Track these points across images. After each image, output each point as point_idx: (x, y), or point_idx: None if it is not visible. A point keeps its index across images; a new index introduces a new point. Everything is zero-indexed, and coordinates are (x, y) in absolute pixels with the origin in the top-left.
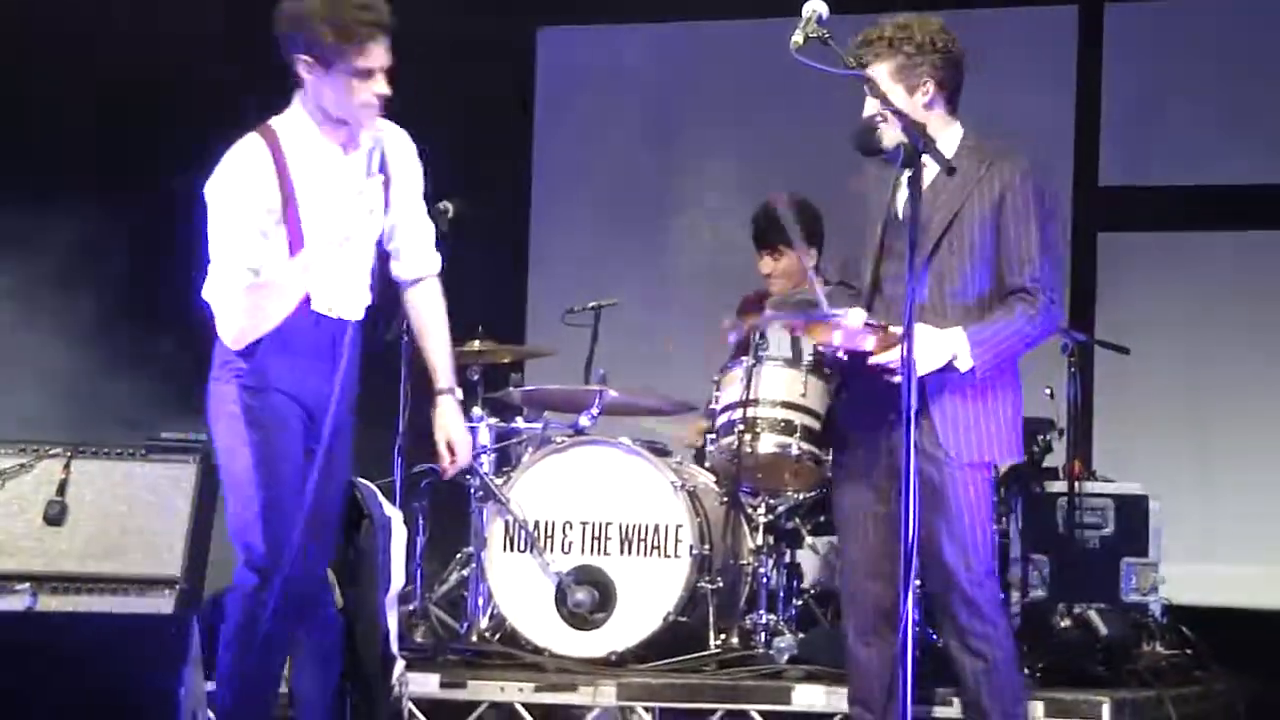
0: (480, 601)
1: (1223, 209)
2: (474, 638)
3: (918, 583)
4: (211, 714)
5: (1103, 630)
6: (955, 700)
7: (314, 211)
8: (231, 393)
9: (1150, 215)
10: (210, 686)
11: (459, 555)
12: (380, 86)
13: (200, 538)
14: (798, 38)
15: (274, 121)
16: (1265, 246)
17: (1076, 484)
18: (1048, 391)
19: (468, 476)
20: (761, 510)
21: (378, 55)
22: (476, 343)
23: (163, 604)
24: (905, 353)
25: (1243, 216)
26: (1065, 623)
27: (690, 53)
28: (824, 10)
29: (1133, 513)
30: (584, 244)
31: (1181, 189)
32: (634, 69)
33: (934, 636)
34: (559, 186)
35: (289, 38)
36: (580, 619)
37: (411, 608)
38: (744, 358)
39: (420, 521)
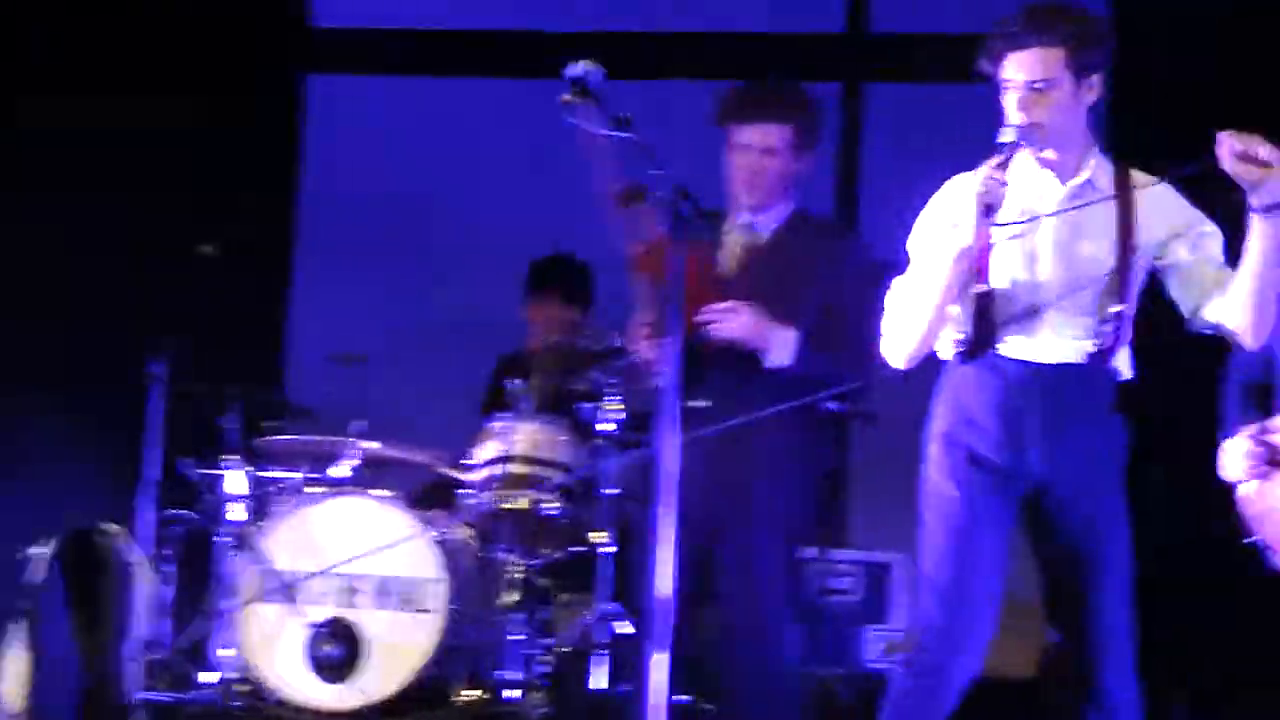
0: (227, 652)
1: None
2: (219, 689)
3: None
4: None
5: (842, 697)
6: None
7: None
8: None
9: None
10: None
11: (207, 604)
12: None
13: None
14: (567, 97)
15: None
16: None
17: (824, 550)
18: None
19: (217, 525)
20: (516, 567)
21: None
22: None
23: None
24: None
25: None
26: (808, 689)
27: (460, 107)
28: (593, 71)
29: (878, 580)
30: (348, 294)
31: None
32: (404, 121)
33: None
34: (324, 234)
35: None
36: (329, 671)
37: (155, 657)
38: (499, 413)
39: (169, 569)
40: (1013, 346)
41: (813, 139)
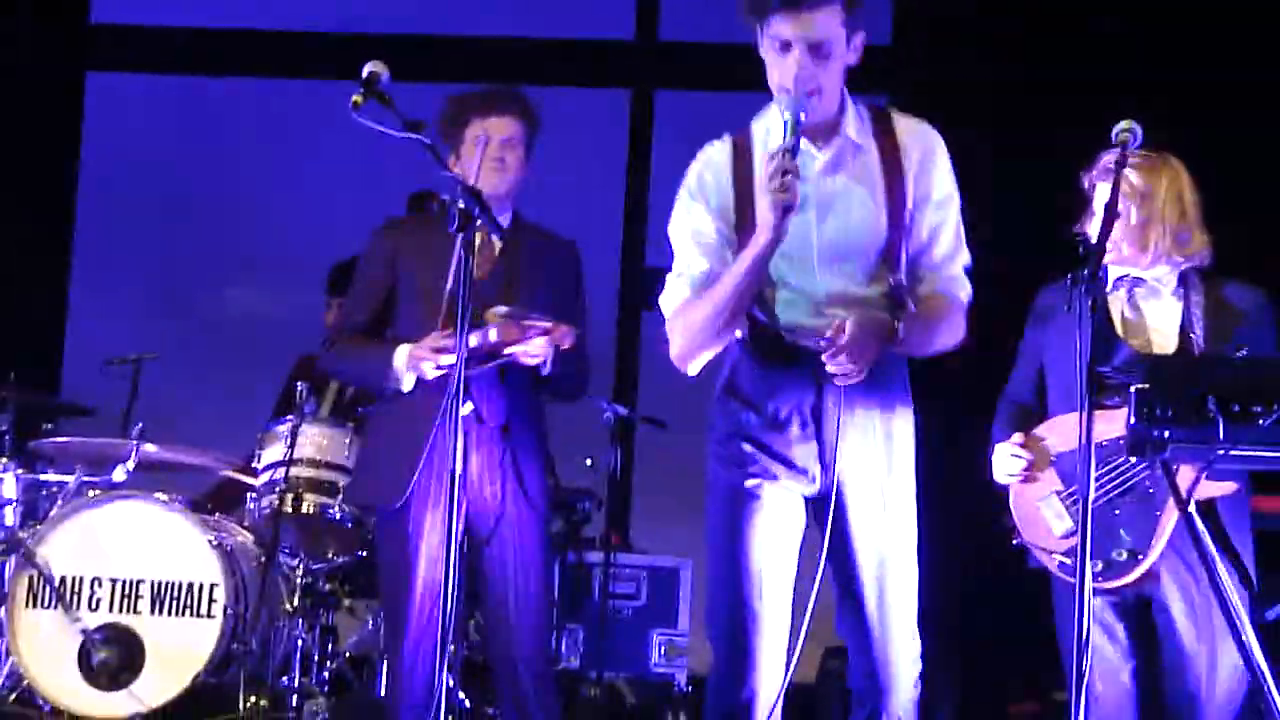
0: None
1: None
2: None
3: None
4: None
5: (629, 700)
6: None
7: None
8: None
9: None
10: None
11: None
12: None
13: None
14: (357, 98)
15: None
16: None
17: (611, 554)
18: (589, 462)
19: None
20: (300, 572)
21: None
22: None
23: None
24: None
25: None
26: (594, 692)
27: (243, 106)
28: (384, 72)
29: (664, 584)
30: (128, 295)
31: None
32: (187, 120)
33: (463, 703)
34: (104, 233)
35: None
36: (105, 678)
37: None
38: (288, 416)
39: None
40: (792, 330)
41: (534, 144)
